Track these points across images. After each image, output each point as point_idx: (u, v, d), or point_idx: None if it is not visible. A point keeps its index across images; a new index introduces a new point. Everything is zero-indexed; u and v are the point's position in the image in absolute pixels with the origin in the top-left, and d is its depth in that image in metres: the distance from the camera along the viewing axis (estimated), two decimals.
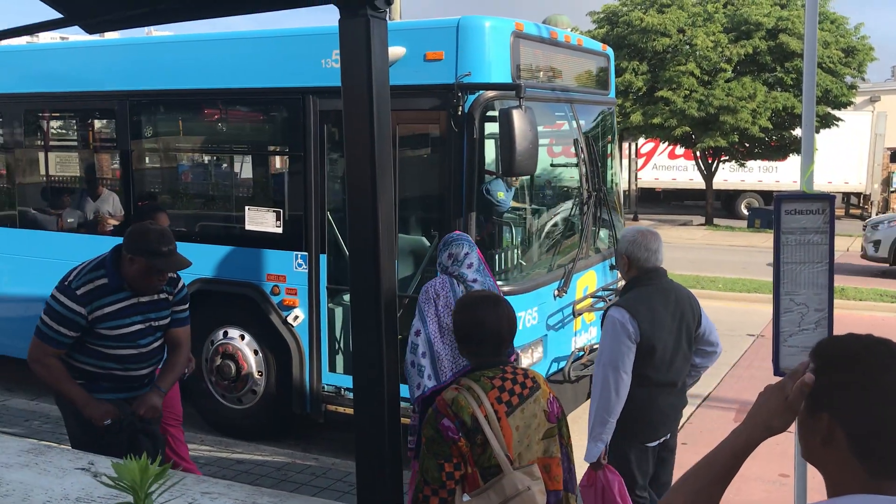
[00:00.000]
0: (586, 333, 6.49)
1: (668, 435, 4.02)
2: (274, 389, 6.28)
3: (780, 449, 5.50)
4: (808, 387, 1.46)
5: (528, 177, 6.02)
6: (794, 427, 1.54)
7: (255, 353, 6.34)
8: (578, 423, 6.82)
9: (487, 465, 2.57)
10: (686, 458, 1.48)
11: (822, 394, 1.45)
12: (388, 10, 2.75)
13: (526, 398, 2.66)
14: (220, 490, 2.87)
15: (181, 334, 3.90)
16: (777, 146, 21.49)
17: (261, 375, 6.33)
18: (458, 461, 2.57)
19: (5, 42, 9.59)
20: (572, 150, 6.40)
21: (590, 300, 6.37)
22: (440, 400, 2.64)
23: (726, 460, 1.56)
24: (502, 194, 5.77)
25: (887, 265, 14.39)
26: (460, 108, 5.32)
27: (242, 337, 6.37)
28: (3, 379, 8.02)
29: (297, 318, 6.04)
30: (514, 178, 5.68)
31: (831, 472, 1.44)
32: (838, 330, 2.18)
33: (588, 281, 6.49)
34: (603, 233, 6.86)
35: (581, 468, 3.27)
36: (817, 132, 17.89)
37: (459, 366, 4.02)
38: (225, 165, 7.02)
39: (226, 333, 6.44)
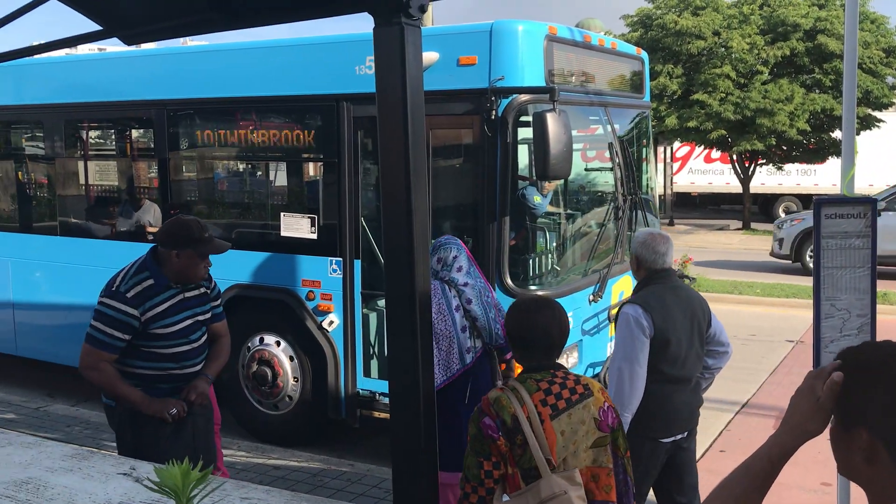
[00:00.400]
0: None
1: (685, 434, 4.02)
2: (309, 395, 6.32)
3: (823, 457, 5.38)
4: (837, 385, 1.43)
5: (563, 181, 6.00)
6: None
7: (291, 359, 6.39)
8: None
9: (528, 467, 2.56)
10: (725, 465, 1.46)
11: (854, 408, 1.41)
12: (421, 17, 2.77)
13: (574, 404, 2.64)
14: (259, 496, 2.89)
15: (220, 328, 4.02)
16: (815, 149, 21.17)
17: (296, 381, 6.38)
18: (498, 460, 2.57)
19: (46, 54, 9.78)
20: (607, 154, 6.36)
21: None
22: (485, 399, 2.66)
23: (763, 466, 1.53)
24: (538, 198, 5.76)
25: (790, 262, 14.94)
26: (494, 112, 5.32)
27: (278, 343, 6.43)
28: (46, 385, 8.18)
29: (331, 323, 6.07)
30: (547, 183, 5.68)
31: (875, 487, 1.40)
32: (881, 336, 2.14)
33: (623, 286, 6.45)
34: None
35: None
36: (858, 134, 17.54)
37: (453, 370, 4.09)
38: (260, 172, 7.09)
39: (262, 340, 6.50)
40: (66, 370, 7.80)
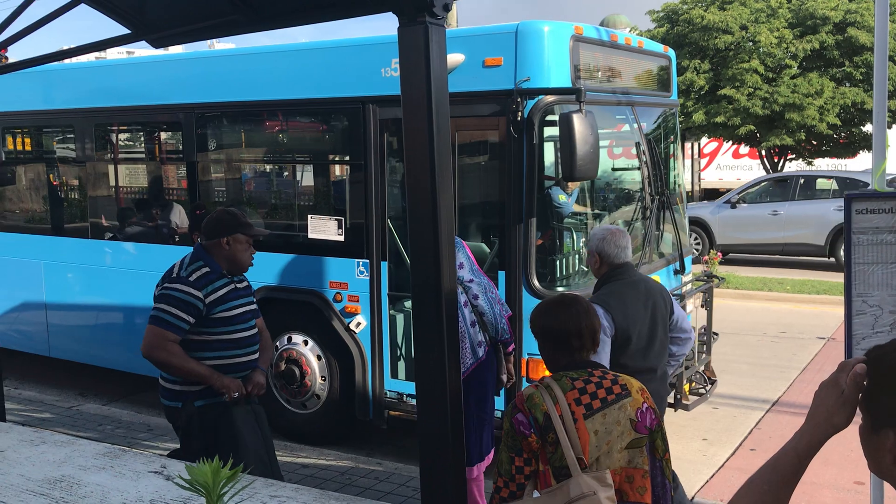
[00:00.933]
0: None
1: None
2: (337, 394, 6.35)
3: (855, 455, 5.33)
4: (861, 377, 1.41)
5: (590, 181, 5.97)
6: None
7: (319, 358, 6.42)
8: None
9: (559, 465, 2.55)
10: (755, 464, 1.44)
11: (882, 409, 1.39)
12: (445, 16, 2.77)
13: (610, 404, 2.61)
14: (289, 493, 2.91)
15: (261, 323, 4.19)
16: (846, 143, 20.86)
17: (324, 380, 6.41)
18: (529, 457, 2.57)
19: (77, 61, 9.93)
20: (634, 153, 6.32)
21: None
22: (519, 395, 2.65)
23: (791, 462, 1.51)
24: (563, 197, 5.75)
25: None
26: (520, 113, 5.30)
27: (306, 342, 6.47)
28: (78, 385, 8.30)
29: (359, 324, 6.09)
30: (570, 182, 5.66)
31: None
32: None
33: None
34: (666, 237, 6.74)
35: None
36: (889, 127, 17.30)
37: (467, 365, 4.26)
38: (287, 175, 7.14)
39: (290, 339, 6.54)
40: (97, 370, 7.92)
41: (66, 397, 7.89)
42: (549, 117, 5.42)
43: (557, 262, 5.79)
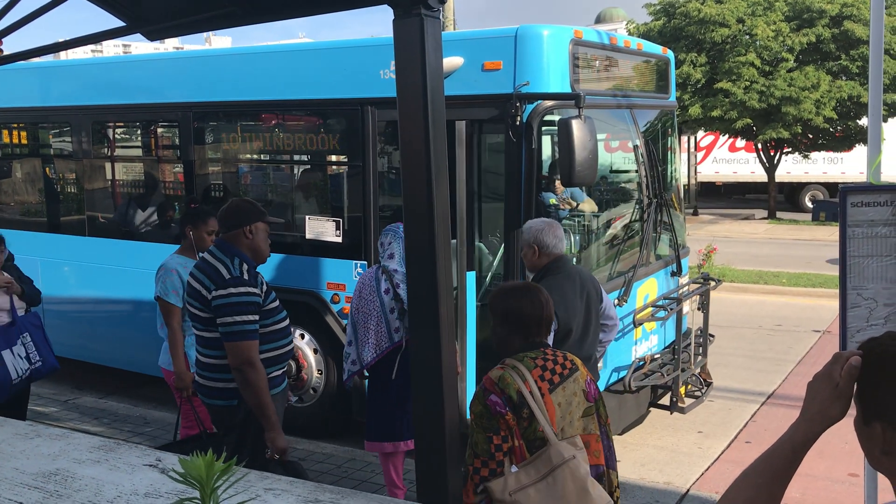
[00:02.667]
0: (647, 342, 6.37)
1: None
2: (333, 388, 6.34)
3: (849, 448, 5.35)
4: (855, 369, 1.42)
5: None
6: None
7: (315, 351, 6.42)
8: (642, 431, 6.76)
9: (533, 438, 2.72)
10: (751, 457, 1.45)
11: (872, 401, 1.40)
12: (441, 9, 2.77)
13: (566, 377, 2.84)
14: (283, 486, 2.91)
15: None
16: (842, 136, 20.86)
17: (320, 374, 6.41)
18: (506, 434, 2.71)
19: (73, 55, 9.87)
20: (632, 155, 6.30)
21: (650, 309, 6.22)
22: (487, 378, 2.78)
23: (786, 455, 1.52)
24: (554, 200, 5.75)
25: None
26: (519, 117, 5.28)
27: (302, 336, 6.46)
28: (74, 379, 8.29)
29: None
30: (559, 184, 5.66)
31: None
32: None
33: (649, 289, 6.37)
34: (664, 239, 6.71)
35: None
36: (885, 121, 17.36)
37: (382, 348, 4.46)
38: (285, 176, 7.10)
39: None
40: (94, 365, 7.91)
41: (62, 391, 7.88)
42: (548, 119, 5.40)
43: None
